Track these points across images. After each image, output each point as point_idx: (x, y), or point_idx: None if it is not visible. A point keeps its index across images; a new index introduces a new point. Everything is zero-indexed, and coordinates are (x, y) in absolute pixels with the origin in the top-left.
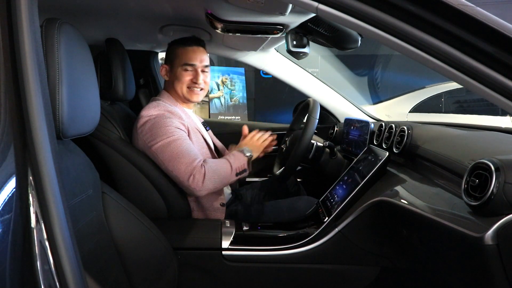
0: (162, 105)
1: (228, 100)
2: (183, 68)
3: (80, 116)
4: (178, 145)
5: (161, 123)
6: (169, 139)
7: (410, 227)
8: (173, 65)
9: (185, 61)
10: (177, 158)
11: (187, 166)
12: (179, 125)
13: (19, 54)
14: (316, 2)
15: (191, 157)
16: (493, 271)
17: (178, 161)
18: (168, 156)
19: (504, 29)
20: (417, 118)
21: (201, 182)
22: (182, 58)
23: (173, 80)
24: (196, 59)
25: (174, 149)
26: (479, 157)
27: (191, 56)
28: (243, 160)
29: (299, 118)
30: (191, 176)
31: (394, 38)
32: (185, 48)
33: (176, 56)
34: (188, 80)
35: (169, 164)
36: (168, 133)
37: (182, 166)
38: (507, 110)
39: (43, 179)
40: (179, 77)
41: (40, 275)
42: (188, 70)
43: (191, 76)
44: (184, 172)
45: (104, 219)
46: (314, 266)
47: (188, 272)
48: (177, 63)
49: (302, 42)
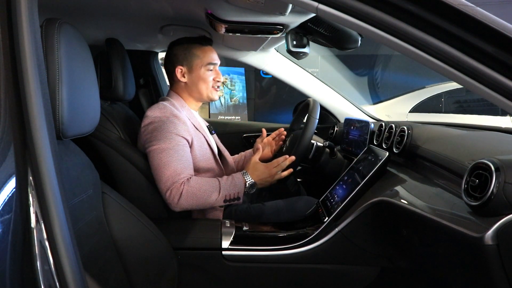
0: (169, 108)
1: (228, 100)
2: (206, 68)
3: (80, 116)
4: (169, 154)
5: (164, 127)
6: (164, 146)
7: (410, 227)
8: (192, 66)
9: (209, 61)
10: (163, 168)
11: (168, 179)
12: (182, 131)
13: (19, 54)
14: (316, 2)
15: (177, 171)
16: (493, 271)
17: (162, 171)
18: (156, 162)
19: (504, 29)
20: (417, 118)
21: (176, 200)
22: (204, 58)
23: (195, 81)
24: (216, 58)
25: (163, 158)
26: (479, 157)
27: (212, 55)
28: (240, 188)
29: (299, 118)
30: (168, 190)
31: (394, 38)
32: (203, 48)
33: (196, 57)
34: (212, 79)
35: (154, 171)
36: (166, 138)
37: (163, 177)
38: (507, 110)
39: (43, 179)
40: (204, 78)
41: (40, 275)
42: (211, 70)
43: (214, 75)
44: (164, 184)
45: (104, 219)
46: (314, 266)
47: (188, 272)
48: (198, 63)
49: (302, 42)
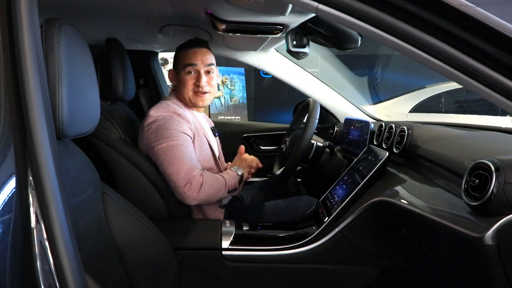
0: (172, 107)
1: (228, 100)
2: (185, 71)
3: (80, 116)
4: (181, 150)
5: (168, 125)
6: (173, 143)
7: (410, 227)
8: (177, 70)
9: (186, 62)
10: (179, 162)
11: (187, 172)
12: (185, 129)
13: (19, 54)
14: (316, 2)
15: (193, 164)
16: (493, 271)
17: (179, 165)
18: (169, 159)
19: (504, 29)
20: (417, 118)
21: (196, 191)
22: (183, 60)
23: (179, 85)
24: (197, 60)
25: (176, 153)
26: (479, 157)
27: (192, 57)
28: (236, 178)
29: (299, 118)
30: (188, 183)
31: (394, 38)
32: (186, 50)
33: (178, 60)
34: (192, 84)
35: (169, 167)
36: (173, 136)
37: (182, 171)
38: (507, 110)
39: (43, 179)
40: (183, 81)
41: (40, 275)
42: (191, 73)
43: (194, 80)
44: (183, 177)
45: (104, 219)
46: (314, 266)
47: (188, 272)
48: (179, 67)
49: (302, 42)
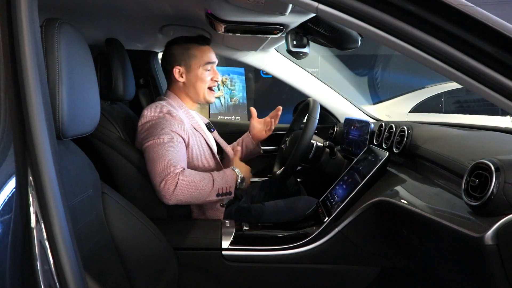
0: (166, 107)
1: (228, 100)
2: (205, 68)
3: (80, 116)
4: (165, 148)
5: (160, 124)
6: (160, 140)
7: (410, 227)
8: (190, 66)
9: (207, 60)
10: (158, 160)
11: (163, 170)
12: (178, 129)
13: (19, 54)
14: (316, 2)
15: (171, 162)
16: (493, 271)
17: (157, 163)
18: (151, 156)
19: (504, 29)
20: (417, 118)
21: (171, 190)
22: (202, 57)
23: (193, 81)
24: (214, 57)
25: (159, 151)
26: (479, 157)
27: (210, 54)
28: (231, 182)
29: (299, 118)
30: (163, 181)
31: (394, 38)
32: (201, 47)
33: (193, 56)
34: (209, 80)
35: (149, 164)
36: (161, 134)
37: (158, 168)
38: (507, 110)
39: (43, 179)
40: (202, 77)
41: (40, 275)
42: (208, 70)
43: (212, 75)
44: (159, 175)
45: (104, 219)
46: (314, 266)
47: (188, 272)
48: (195, 63)
49: (302, 42)
